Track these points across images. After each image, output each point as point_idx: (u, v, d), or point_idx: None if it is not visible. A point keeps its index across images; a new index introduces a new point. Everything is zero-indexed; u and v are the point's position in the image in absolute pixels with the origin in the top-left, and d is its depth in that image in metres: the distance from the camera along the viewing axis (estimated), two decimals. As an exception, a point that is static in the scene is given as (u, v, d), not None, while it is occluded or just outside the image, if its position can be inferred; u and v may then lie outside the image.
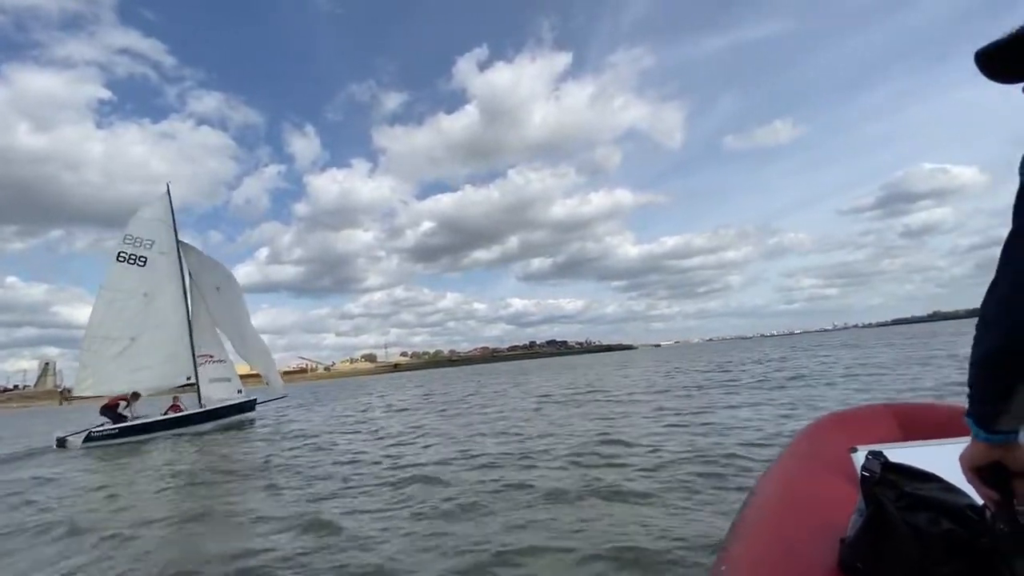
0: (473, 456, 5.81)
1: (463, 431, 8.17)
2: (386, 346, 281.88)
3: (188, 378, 14.19)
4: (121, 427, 11.94)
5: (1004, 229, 0.68)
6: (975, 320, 0.74)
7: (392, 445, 7.41)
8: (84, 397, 13.04)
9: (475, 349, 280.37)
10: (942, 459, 0.93)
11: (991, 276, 0.71)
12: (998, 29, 0.64)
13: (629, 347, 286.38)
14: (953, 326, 63.96)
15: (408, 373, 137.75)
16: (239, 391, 14.70)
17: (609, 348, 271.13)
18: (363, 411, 14.82)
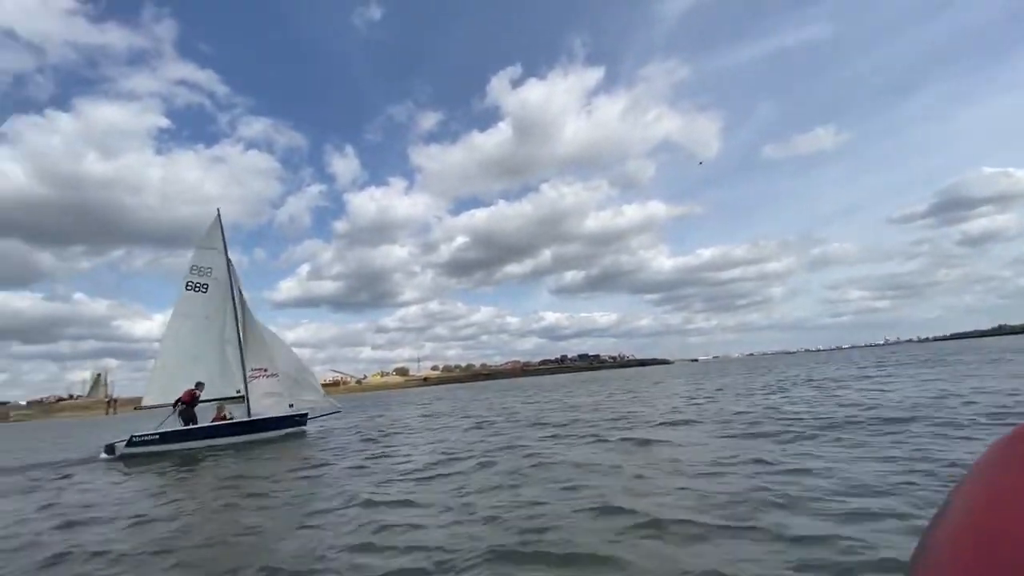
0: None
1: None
2: (419, 360, 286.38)
3: (238, 391, 15.37)
4: (163, 433, 13.14)
5: None
6: None
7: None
8: (138, 407, 14.74)
9: (506, 363, 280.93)
10: None
11: None
12: None
13: (665, 361, 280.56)
14: None
15: (435, 388, 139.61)
16: (290, 405, 15.59)
17: (643, 363, 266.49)
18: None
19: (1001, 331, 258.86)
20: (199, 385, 14.35)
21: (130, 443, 12.99)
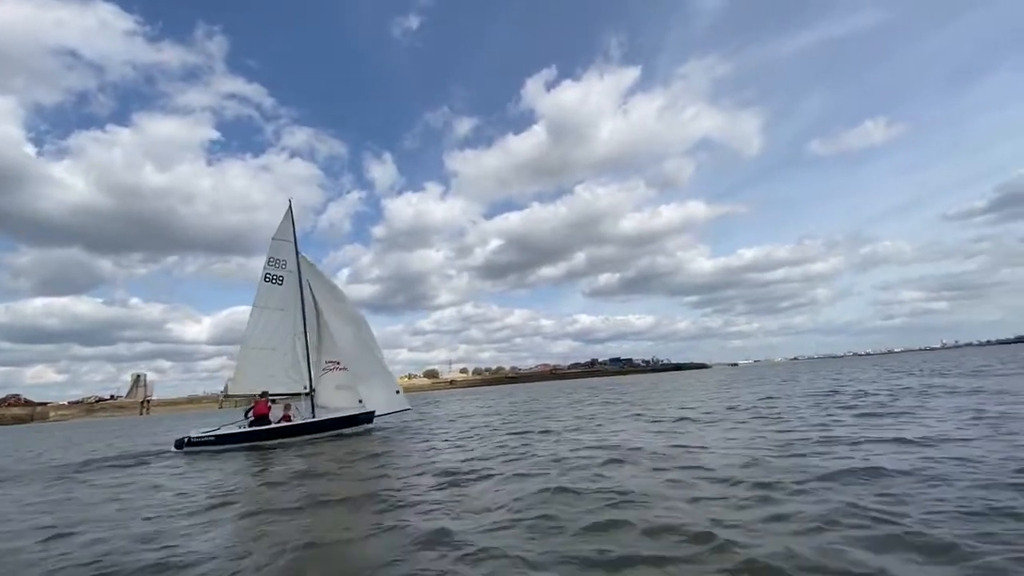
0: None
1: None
2: (450, 362, 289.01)
3: (305, 387, 15.70)
4: (219, 435, 13.60)
5: None
6: None
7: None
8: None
9: (537, 366, 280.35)
10: None
11: None
12: None
13: (702, 366, 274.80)
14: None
15: (461, 390, 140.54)
16: (359, 401, 15.65)
17: (679, 367, 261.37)
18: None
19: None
20: (264, 395, 14.68)
21: (189, 443, 13.56)
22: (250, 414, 14.47)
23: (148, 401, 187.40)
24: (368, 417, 15.57)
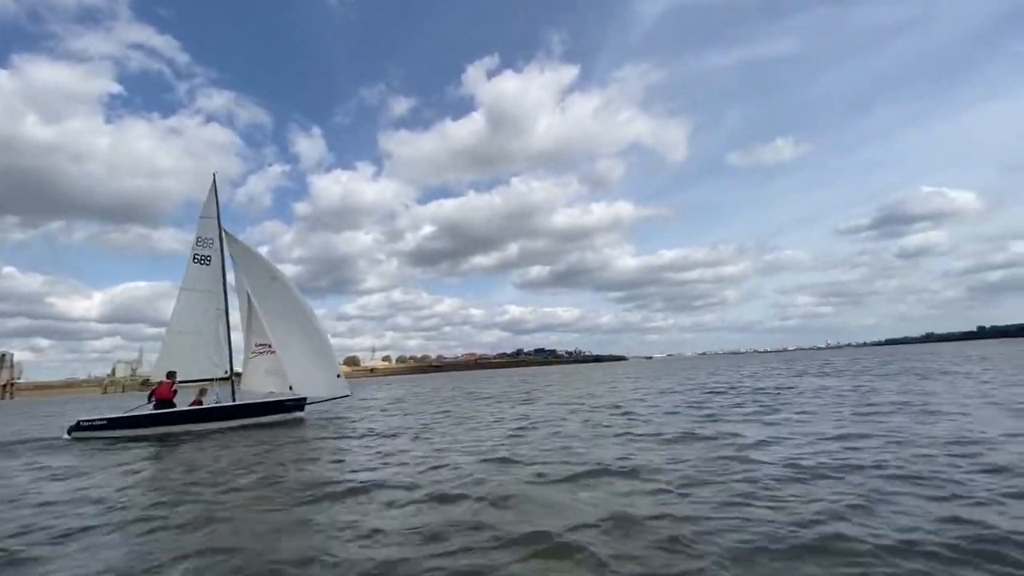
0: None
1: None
2: (373, 349, 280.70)
3: (226, 372, 15.09)
4: (113, 419, 12.84)
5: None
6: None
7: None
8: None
9: (463, 355, 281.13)
10: None
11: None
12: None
13: (621, 358, 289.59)
14: (955, 348, 66.86)
15: (379, 378, 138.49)
16: (290, 387, 15.12)
17: (599, 359, 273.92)
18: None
19: (929, 339, 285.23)
20: (171, 375, 13.85)
21: (78, 427, 12.68)
22: (153, 398, 13.49)
23: (12, 384, 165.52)
24: (299, 404, 15.11)
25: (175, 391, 13.84)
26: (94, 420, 12.96)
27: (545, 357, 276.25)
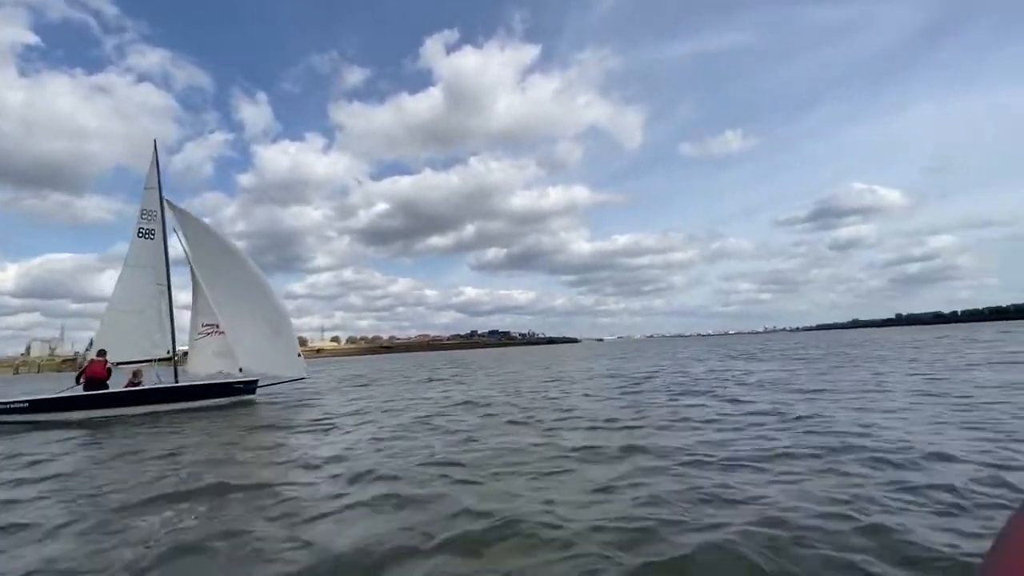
0: None
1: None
2: (323, 329, 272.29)
3: (168, 351, 14.43)
4: (34, 400, 11.93)
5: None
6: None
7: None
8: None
9: (416, 336, 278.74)
10: None
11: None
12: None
13: (573, 340, 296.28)
14: (881, 333, 73.20)
15: (326, 359, 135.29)
16: (240, 370, 14.54)
17: (552, 340, 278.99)
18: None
19: (855, 325, 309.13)
20: (102, 353, 12.90)
21: None
22: (83, 379, 12.49)
23: None
24: (249, 387, 14.59)
25: (109, 371, 12.98)
26: (11, 402, 11.97)
27: (499, 339, 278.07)
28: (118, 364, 13.35)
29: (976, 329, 57.60)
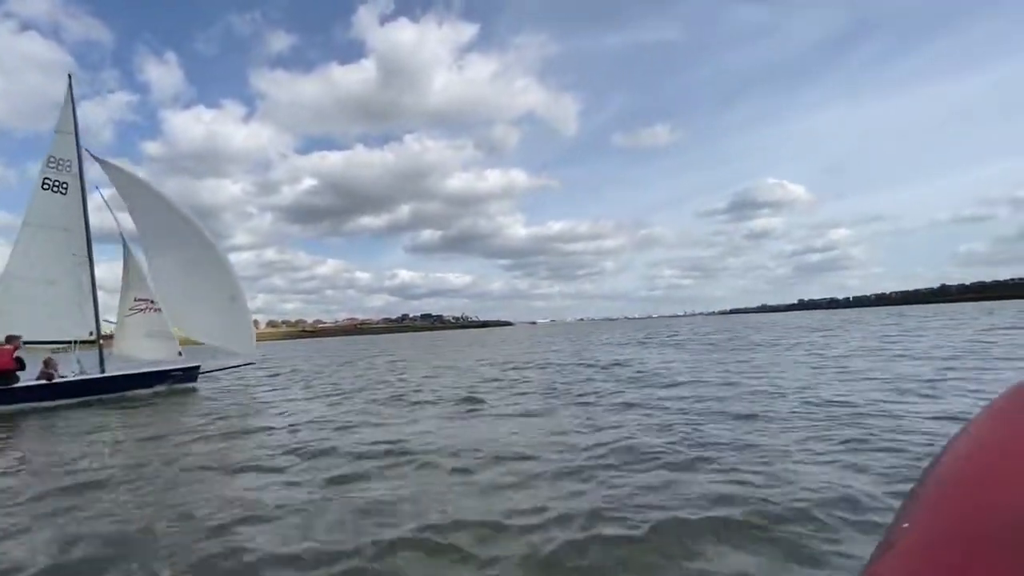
0: None
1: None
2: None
3: (91, 333, 12.23)
4: None
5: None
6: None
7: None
8: None
9: (343, 320, 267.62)
10: None
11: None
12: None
13: (507, 323, 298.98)
14: (783, 317, 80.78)
15: None
16: (179, 353, 12.79)
17: (486, 324, 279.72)
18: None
19: (763, 309, 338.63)
20: (11, 339, 10.65)
21: None
22: None
23: None
24: (189, 374, 12.82)
25: (19, 359, 10.58)
26: None
27: (431, 323, 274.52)
28: (27, 343, 10.84)
29: (863, 313, 64.17)
